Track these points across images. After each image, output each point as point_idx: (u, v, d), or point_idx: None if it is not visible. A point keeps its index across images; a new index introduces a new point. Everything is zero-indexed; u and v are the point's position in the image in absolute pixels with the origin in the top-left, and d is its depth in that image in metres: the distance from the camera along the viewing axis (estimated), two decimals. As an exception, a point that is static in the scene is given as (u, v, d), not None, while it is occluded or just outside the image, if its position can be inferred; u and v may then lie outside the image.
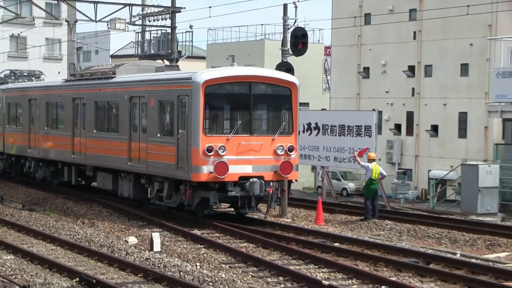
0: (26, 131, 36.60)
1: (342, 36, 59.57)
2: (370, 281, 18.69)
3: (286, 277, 19.20)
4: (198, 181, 24.60)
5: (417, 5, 57.01)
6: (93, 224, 27.46)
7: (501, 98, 36.27)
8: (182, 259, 21.30)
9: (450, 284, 18.69)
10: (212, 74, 25.45)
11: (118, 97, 29.67)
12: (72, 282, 18.26)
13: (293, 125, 26.38)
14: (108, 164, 30.39)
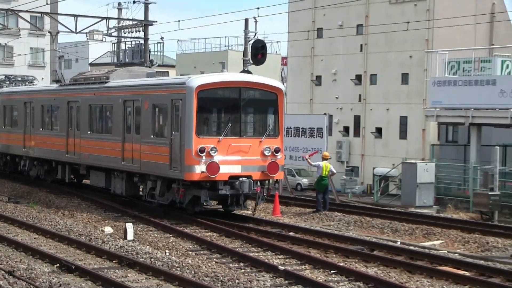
0: (21, 132, 35.97)
1: (297, 48, 59.64)
2: (321, 266, 18.80)
3: (246, 263, 19.27)
4: (191, 180, 23.96)
5: (363, 21, 57.22)
6: (73, 215, 27.35)
7: (437, 104, 36.52)
8: (153, 247, 21.28)
9: (391, 269, 18.83)
10: (205, 80, 24.93)
11: (112, 100, 28.95)
12: (53, 268, 18.19)
13: (279, 128, 25.88)
14: (101, 163, 29.64)
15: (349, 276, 17.68)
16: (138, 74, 30.80)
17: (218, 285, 16.44)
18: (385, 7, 56.29)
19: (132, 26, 48.72)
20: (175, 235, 23.29)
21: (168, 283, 16.85)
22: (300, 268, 18.69)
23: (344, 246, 21.62)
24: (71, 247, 21.17)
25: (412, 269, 18.72)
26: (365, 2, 57.25)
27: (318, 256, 19.96)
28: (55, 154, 33.05)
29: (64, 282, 16.27)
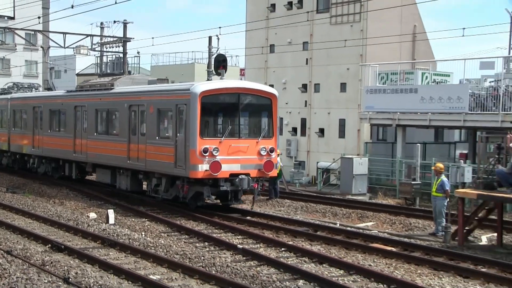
0: (31, 133, 34.94)
1: (253, 61, 59.60)
2: (273, 245, 18.91)
3: (210, 243, 19.35)
4: (195, 177, 22.81)
5: (308, 39, 57.35)
6: (62, 203, 27.22)
7: (369, 108, 36.77)
8: (131, 229, 21.31)
9: (331, 246, 18.99)
10: (208, 86, 23.74)
11: (118, 105, 27.71)
12: (45, 248, 18.19)
13: (273, 130, 24.84)
14: (108, 162, 28.37)
15: (296, 253, 17.85)
16: (140, 81, 30.00)
17: (187, 261, 16.48)
18: (326, 27, 56.54)
19: (113, 42, 48.54)
20: (149, 220, 23.25)
21: (144, 260, 16.87)
22: (255, 247, 18.79)
23: (293, 228, 21.75)
24: (61, 230, 21.10)
25: (349, 246, 18.94)
26: (309, 23, 57.42)
27: (270, 236, 20.07)
28: (63, 153, 32.06)
29: (55, 260, 16.21)
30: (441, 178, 21.36)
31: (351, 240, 19.77)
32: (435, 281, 15.00)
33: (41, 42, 63.02)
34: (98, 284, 13.90)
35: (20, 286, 13.67)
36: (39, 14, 59.16)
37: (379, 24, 52.56)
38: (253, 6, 62.71)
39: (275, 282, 14.47)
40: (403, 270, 16.08)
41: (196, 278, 14.97)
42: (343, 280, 14.90)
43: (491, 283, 14.98)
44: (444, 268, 16.22)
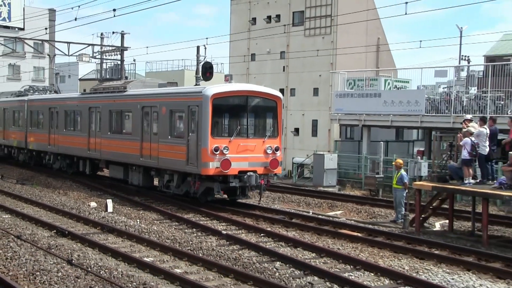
0: (47, 132, 34.04)
1: (236, 68, 59.58)
2: (253, 231, 18.97)
3: (197, 229, 19.36)
4: (206, 174, 21.80)
5: (285, 49, 57.43)
6: (66, 194, 27.11)
7: (339, 110, 36.82)
8: (127, 217, 21.27)
9: (305, 232, 19.04)
10: (219, 89, 22.55)
11: (131, 106, 26.62)
12: (51, 233, 18.14)
13: (278, 130, 23.74)
14: (121, 159, 27.28)
15: (274, 238, 17.88)
16: (150, 84, 28.97)
17: (177, 245, 16.48)
18: (301, 38, 56.66)
19: (112, 50, 48.49)
20: (143, 208, 23.22)
21: (139, 244, 16.86)
22: (238, 233, 18.82)
23: (271, 216, 21.79)
24: (65, 218, 21.05)
25: (320, 232, 19.01)
26: (286, 35, 57.52)
27: (251, 223, 20.08)
28: (78, 151, 31.05)
29: (60, 244, 16.21)
30: (401, 172, 21.52)
31: (322, 227, 19.84)
32: (395, 262, 15.12)
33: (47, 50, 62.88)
34: (98, 265, 13.88)
35: (28, 267, 13.65)
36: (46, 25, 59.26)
37: (347, 36, 52.77)
38: (237, 19, 62.72)
39: (255, 263, 14.52)
40: (367, 253, 16.20)
41: (185, 260, 14.98)
42: (314, 261, 14.98)
43: (443, 264, 15.13)
44: (403, 251, 16.36)
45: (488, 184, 18.88)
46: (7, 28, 69.84)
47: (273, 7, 59.62)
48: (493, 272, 14.42)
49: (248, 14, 61.50)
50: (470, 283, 13.35)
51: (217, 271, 13.98)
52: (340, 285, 12.87)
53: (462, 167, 19.10)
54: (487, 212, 18.15)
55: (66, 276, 12.93)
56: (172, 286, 12.69)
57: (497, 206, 24.19)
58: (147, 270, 13.90)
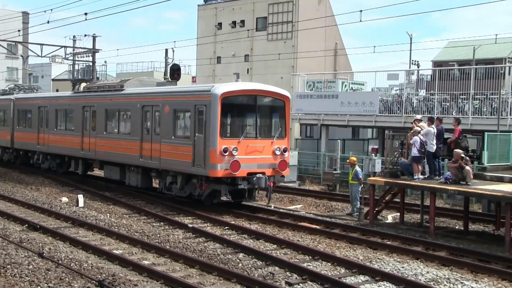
0: (35, 131, 31.80)
1: (203, 70, 59.54)
2: (218, 224, 18.87)
3: (165, 222, 19.23)
4: (215, 176, 19.74)
5: (249, 52, 57.51)
6: (38, 189, 26.65)
7: (299, 110, 36.97)
8: (97, 211, 21.03)
9: (267, 225, 19.03)
10: (227, 88, 20.47)
11: (130, 105, 24.33)
12: (22, 227, 17.86)
13: (286, 130, 21.71)
14: (118, 159, 25.00)
15: (237, 231, 17.85)
16: (148, 83, 26.91)
17: (145, 238, 16.35)
18: (264, 43, 56.75)
19: (84, 52, 48.14)
20: (113, 203, 22.91)
21: (109, 237, 16.68)
22: (203, 226, 18.73)
23: (235, 210, 21.70)
24: (37, 212, 20.69)
25: (281, 225, 19.02)
26: (250, 39, 57.52)
27: (216, 217, 19.97)
28: (70, 150, 28.66)
29: (31, 238, 15.97)
30: (355, 168, 21.67)
31: (283, 220, 19.84)
32: (351, 253, 15.21)
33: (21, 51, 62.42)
34: (68, 258, 13.68)
35: (0, 259, 13.38)
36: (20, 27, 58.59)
37: (307, 41, 53.03)
38: (203, 24, 62.58)
39: (220, 255, 14.46)
40: (325, 244, 16.25)
41: (153, 252, 14.85)
42: (276, 253, 14.97)
43: (394, 253, 15.26)
44: (358, 242, 16.44)
45: (435, 179, 19.16)
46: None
47: (238, 13, 59.65)
48: (438, 260, 14.60)
49: (214, 19, 61.43)
50: (418, 270, 13.50)
51: (183, 262, 13.88)
52: (300, 275, 12.89)
53: (412, 163, 19.32)
54: (434, 205, 18.38)
55: (37, 268, 12.70)
56: (140, 277, 12.57)
57: (443, 200, 24.55)
58: (116, 262, 13.73)
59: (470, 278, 13.19)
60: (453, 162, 18.54)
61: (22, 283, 11.81)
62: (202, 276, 12.85)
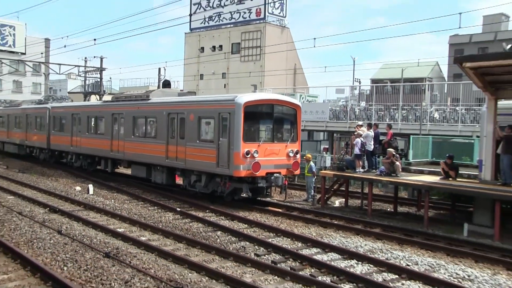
0: (69, 134, 30.06)
1: (188, 85, 59.25)
2: (200, 209, 18.76)
3: (158, 207, 19.06)
4: (238, 176, 18.24)
5: (226, 71, 57.45)
6: (57, 180, 26.31)
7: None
8: (104, 198, 20.84)
9: (239, 209, 18.85)
10: (249, 97, 18.85)
11: (156, 113, 22.58)
12: (45, 210, 17.65)
13: (297, 135, 20.06)
14: (145, 160, 23.12)
15: (216, 213, 17.77)
16: (169, 93, 24.95)
17: (142, 219, 16.27)
18: (238, 63, 56.83)
19: (93, 70, 47.79)
20: (117, 191, 22.67)
21: (113, 218, 16.59)
22: (189, 209, 18.60)
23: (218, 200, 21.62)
24: (56, 198, 20.45)
25: (251, 208, 18.89)
26: (226, 60, 57.55)
27: (199, 203, 19.87)
28: (100, 151, 26.88)
29: (52, 218, 15.85)
30: (310, 163, 21.77)
31: (253, 205, 19.82)
32: (306, 230, 15.29)
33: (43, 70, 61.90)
34: (81, 235, 13.62)
35: (27, 236, 13.34)
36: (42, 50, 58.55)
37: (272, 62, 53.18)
38: (189, 48, 62.31)
39: (202, 232, 14.49)
40: (285, 224, 16.30)
41: (149, 231, 14.81)
42: (247, 231, 14.99)
43: (340, 230, 15.38)
44: (312, 222, 16.52)
45: (372, 172, 19.38)
46: (12, 52, 69.66)
47: (216, 39, 59.63)
48: (374, 235, 14.76)
49: (198, 44, 61.29)
50: (359, 243, 13.65)
51: (173, 238, 13.87)
52: (266, 248, 12.93)
53: (354, 160, 19.54)
54: (371, 192, 18.60)
55: (56, 243, 12.66)
56: (138, 250, 12.53)
57: (378, 188, 24.80)
58: (119, 238, 13.67)
59: (397, 248, 13.40)
60: (386, 159, 18.80)
61: (45, 254, 11.77)
62: (188, 249, 12.86)
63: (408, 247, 13.51)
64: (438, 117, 30.15)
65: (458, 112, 29.31)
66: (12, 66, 54.27)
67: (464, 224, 15.68)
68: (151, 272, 10.38)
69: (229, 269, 11.09)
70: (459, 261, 12.35)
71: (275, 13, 56.24)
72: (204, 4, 59.54)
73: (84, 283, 9.73)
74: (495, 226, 14.68)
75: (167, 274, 10.31)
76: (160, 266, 10.96)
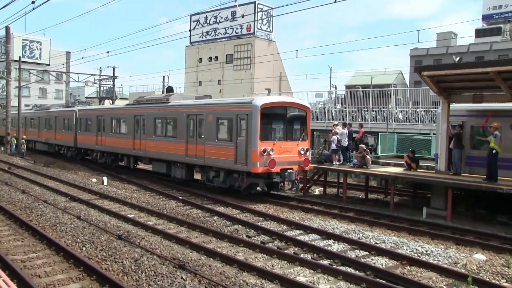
0: (94, 134, 29.03)
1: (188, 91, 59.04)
2: (199, 197, 18.63)
3: (163, 195, 18.93)
4: (256, 172, 17.18)
5: (221, 78, 57.26)
6: (76, 173, 26.04)
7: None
8: (116, 188, 20.68)
9: (232, 197, 18.76)
10: (265, 100, 17.84)
11: (176, 114, 21.37)
12: (66, 199, 17.45)
13: (307, 134, 18.99)
14: (166, 157, 21.96)
15: (213, 201, 17.60)
16: (187, 97, 24.10)
17: (149, 206, 16.16)
18: (231, 71, 56.73)
19: (107, 78, 47.51)
20: (127, 183, 22.44)
21: (124, 206, 16.46)
22: (189, 198, 18.49)
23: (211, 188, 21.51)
24: (75, 189, 20.23)
25: (243, 197, 18.85)
26: (222, 69, 57.42)
27: (198, 192, 19.78)
28: (123, 149, 25.77)
29: (72, 206, 15.71)
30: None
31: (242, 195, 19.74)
32: (290, 215, 15.26)
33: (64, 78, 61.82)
34: (97, 220, 13.53)
35: (52, 221, 13.28)
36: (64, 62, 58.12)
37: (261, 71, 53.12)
38: (189, 58, 62.05)
39: (200, 217, 14.45)
40: (272, 209, 16.26)
41: (155, 216, 14.74)
42: (239, 215, 14.95)
43: (319, 215, 15.38)
44: (295, 208, 16.48)
45: (347, 164, 19.41)
46: (38, 64, 69.43)
47: (213, 51, 59.45)
48: (348, 218, 14.80)
49: (197, 55, 61.08)
50: (335, 226, 13.66)
51: (176, 222, 13.80)
52: (256, 230, 12.93)
53: (331, 154, 19.58)
54: (346, 182, 18.66)
55: (76, 227, 12.58)
56: (146, 232, 12.48)
57: (352, 178, 24.79)
58: (130, 222, 13.60)
59: (368, 229, 13.46)
60: (358, 153, 18.86)
61: (67, 236, 11.72)
62: (189, 232, 12.83)
63: (377, 228, 13.56)
64: (401, 117, 30.32)
65: (418, 113, 29.50)
66: (38, 76, 54.00)
67: (423, 208, 15.82)
68: (157, 251, 10.36)
69: (224, 249, 11.09)
70: (419, 239, 12.46)
71: (263, 28, 56.18)
72: (202, 21, 59.34)
73: (100, 261, 9.70)
74: (447, 209, 14.86)
75: (171, 253, 10.30)
76: (165, 246, 10.94)
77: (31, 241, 11.33)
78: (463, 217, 15.12)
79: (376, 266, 9.79)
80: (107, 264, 9.53)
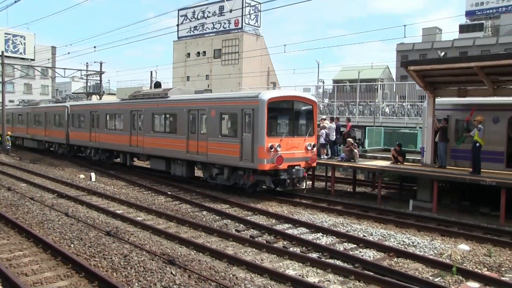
0: (88, 131, 27.79)
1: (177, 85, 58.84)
2: (188, 192, 18.56)
3: (152, 191, 18.83)
4: (262, 169, 16.25)
5: (209, 73, 57.06)
6: (64, 169, 25.79)
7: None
8: (104, 184, 20.51)
9: (220, 192, 18.76)
10: (272, 94, 16.85)
11: (176, 110, 20.28)
12: (54, 195, 17.28)
13: (314, 129, 17.86)
14: (165, 154, 20.96)
15: (202, 196, 17.60)
16: (186, 91, 22.86)
17: (138, 202, 16.09)
18: (219, 66, 56.53)
19: (94, 74, 47.03)
20: (116, 178, 22.26)
21: (113, 202, 16.36)
22: (179, 193, 18.42)
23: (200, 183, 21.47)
24: (63, 185, 20.03)
25: (233, 192, 18.84)
26: (209, 64, 57.17)
27: (186, 187, 19.72)
28: (119, 146, 24.71)
29: (60, 202, 15.56)
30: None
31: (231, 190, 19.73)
32: (279, 209, 15.28)
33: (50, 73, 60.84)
34: (85, 216, 13.42)
35: (39, 217, 13.14)
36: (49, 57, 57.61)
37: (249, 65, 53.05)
38: (177, 53, 61.67)
39: (189, 212, 14.42)
40: (262, 204, 16.19)
41: (144, 212, 14.67)
42: (228, 210, 14.95)
43: (308, 208, 15.46)
44: (284, 202, 16.51)
45: (334, 158, 19.50)
46: (23, 59, 68.20)
47: (201, 45, 59.17)
48: (336, 212, 14.86)
49: (185, 50, 60.73)
50: (323, 219, 13.73)
51: (165, 218, 13.76)
52: (245, 224, 12.95)
53: (320, 148, 19.61)
54: (334, 175, 18.72)
55: (64, 223, 12.45)
56: (135, 228, 12.42)
57: (340, 172, 24.94)
58: (118, 218, 13.52)
59: (356, 222, 13.55)
60: (346, 147, 18.95)
61: (54, 233, 11.59)
62: (178, 227, 12.79)
63: (364, 221, 13.66)
64: (388, 111, 30.51)
65: (404, 107, 29.70)
66: (23, 71, 53.39)
67: (410, 200, 15.97)
68: (146, 247, 10.32)
69: (214, 244, 11.08)
70: (406, 231, 12.58)
71: (251, 23, 56.04)
72: (189, 16, 58.98)
73: (88, 258, 9.63)
74: (433, 201, 15.04)
75: (160, 249, 10.26)
76: (154, 242, 10.90)
77: (17, 239, 11.19)
78: (449, 209, 15.33)
79: (364, 259, 9.87)
80: (96, 260, 9.46)
